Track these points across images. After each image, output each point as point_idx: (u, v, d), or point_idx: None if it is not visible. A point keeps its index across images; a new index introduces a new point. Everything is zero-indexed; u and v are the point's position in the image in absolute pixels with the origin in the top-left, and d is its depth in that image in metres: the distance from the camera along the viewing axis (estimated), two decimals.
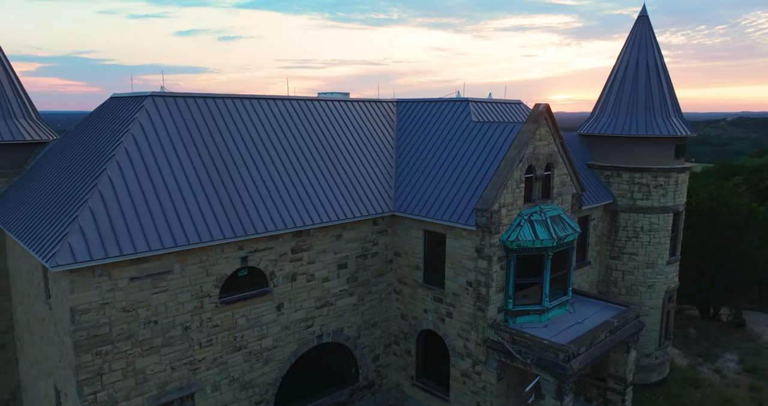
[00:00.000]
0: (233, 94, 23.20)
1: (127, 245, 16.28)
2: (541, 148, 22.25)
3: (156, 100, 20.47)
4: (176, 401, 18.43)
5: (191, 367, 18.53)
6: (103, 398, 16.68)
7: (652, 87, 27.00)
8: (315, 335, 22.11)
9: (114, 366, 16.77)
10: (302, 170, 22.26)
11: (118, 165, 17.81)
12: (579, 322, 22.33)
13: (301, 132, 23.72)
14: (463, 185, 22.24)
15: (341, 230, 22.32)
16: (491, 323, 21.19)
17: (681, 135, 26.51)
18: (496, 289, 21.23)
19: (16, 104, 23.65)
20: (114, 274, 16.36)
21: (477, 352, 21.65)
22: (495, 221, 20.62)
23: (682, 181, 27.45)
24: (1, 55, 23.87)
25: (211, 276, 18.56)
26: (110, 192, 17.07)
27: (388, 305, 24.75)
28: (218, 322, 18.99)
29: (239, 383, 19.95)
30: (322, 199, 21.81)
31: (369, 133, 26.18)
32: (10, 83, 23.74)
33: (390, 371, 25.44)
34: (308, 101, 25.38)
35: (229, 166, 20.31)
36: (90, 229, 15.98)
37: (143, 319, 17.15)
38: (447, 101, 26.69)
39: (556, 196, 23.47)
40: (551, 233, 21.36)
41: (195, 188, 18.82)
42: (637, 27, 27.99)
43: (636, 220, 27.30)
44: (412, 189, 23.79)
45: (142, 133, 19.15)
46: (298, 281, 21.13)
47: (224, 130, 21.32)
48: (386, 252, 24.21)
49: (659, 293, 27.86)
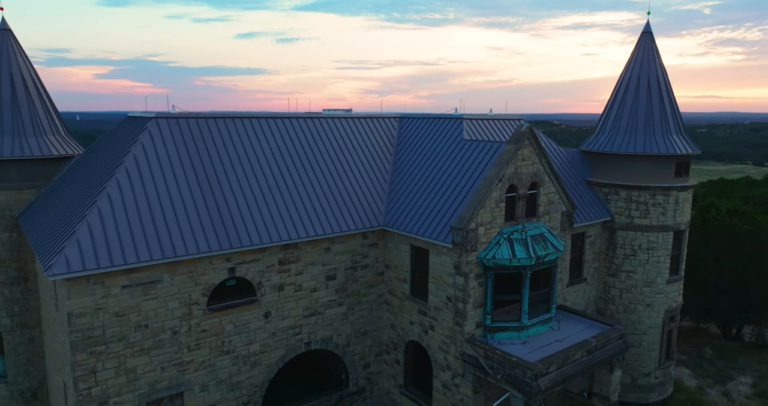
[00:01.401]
0: (236, 112, 24.86)
1: (118, 257, 18.09)
2: (525, 168, 22.67)
3: (159, 121, 22.35)
4: (166, 398, 20.17)
5: (180, 368, 20.21)
6: (97, 393, 18.57)
7: (653, 104, 26.73)
8: (303, 342, 23.40)
9: (107, 365, 18.63)
10: (294, 186, 23.60)
11: (117, 183, 19.71)
12: (559, 340, 22.60)
13: (297, 149, 25.08)
14: (446, 203, 22.97)
15: (330, 243, 23.50)
16: (468, 337, 21.84)
17: (680, 153, 26.15)
18: (474, 305, 21.86)
19: (47, 122, 26.17)
20: (107, 282, 18.21)
21: (456, 365, 22.35)
22: (471, 239, 21.27)
23: (684, 199, 27.01)
24: (35, 77, 26.49)
25: (200, 285, 20.18)
26: (108, 208, 18.96)
27: (380, 315, 25.75)
28: (206, 327, 20.59)
29: (227, 385, 21.51)
30: (310, 213, 23.07)
31: (367, 149, 27.26)
32: (41, 103, 26.29)
33: (381, 378, 26.44)
34: (309, 119, 26.73)
35: (222, 182, 21.91)
36: (86, 242, 17.88)
37: (134, 323, 18.94)
38: (443, 118, 27.41)
39: (543, 215, 23.80)
40: (530, 251, 21.79)
41: (187, 204, 20.50)
42: (641, 43, 27.75)
43: (634, 238, 27.11)
44: (401, 205, 24.70)
45: (143, 153, 21.01)
46: (286, 290, 22.48)
47: (221, 149, 22.96)
48: (377, 264, 25.21)
49: (658, 312, 27.51)
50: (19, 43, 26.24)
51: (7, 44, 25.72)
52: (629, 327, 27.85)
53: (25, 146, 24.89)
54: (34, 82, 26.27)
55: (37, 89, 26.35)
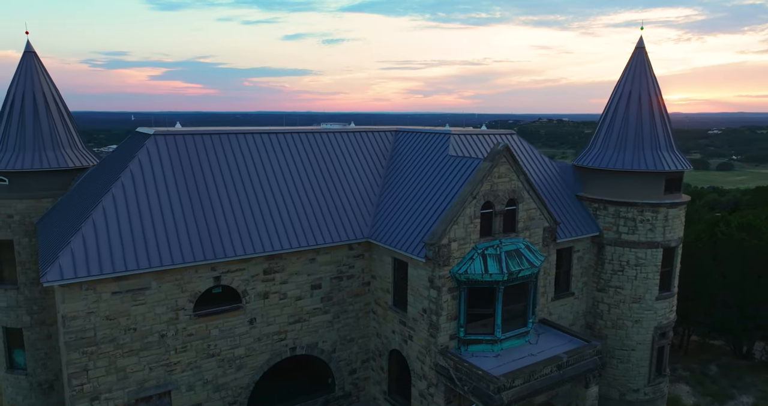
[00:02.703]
0: (232, 129, 26.39)
1: (108, 266, 19.81)
2: (502, 185, 23.22)
3: (157, 138, 24.09)
4: (154, 396, 21.82)
5: (167, 368, 21.82)
6: (89, 389, 20.37)
7: (643, 120, 26.68)
8: (288, 347, 24.67)
9: (98, 364, 20.40)
10: (282, 199, 24.89)
11: (113, 198, 21.49)
12: (533, 354, 23.04)
13: (289, 163, 26.38)
14: (424, 218, 23.75)
15: (315, 254, 24.68)
16: (441, 349, 22.59)
17: (669, 170, 26.01)
18: (447, 317, 22.58)
19: (65, 135, 28.42)
20: (99, 288, 19.96)
21: (430, 375, 23.13)
22: (443, 254, 22.01)
23: (674, 216, 26.80)
24: (56, 94, 28.80)
25: (186, 292, 21.73)
26: (102, 221, 20.74)
27: (366, 324, 26.75)
28: (192, 331, 22.13)
29: (213, 385, 23.00)
30: (295, 225, 24.31)
31: (359, 163, 28.29)
32: (61, 118, 28.56)
33: (368, 384, 27.44)
34: (303, 134, 27.97)
35: (212, 195, 23.43)
36: (79, 251, 19.67)
37: (124, 326, 20.64)
38: (433, 133, 28.16)
39: (522, 230, 24.27)
40: (502, 267, 22.34)
41: (176, 216, 22.09)
42: (634, 58, 27.69)
43: (622, 254, 27.11)
44: (386, 218, 25.63)
45: (140, 169, 22.77)
46: (271, 298, 23.80)
47: (213, 164, 24.51)
48: (363, 275, 26.22)
49: (647, 328, 27.39)
50: (42, 64, 28.59)
51: (31, 66, 28.08)
52: (617, 343, 27.87)
53: (44, 159, 27.14)
54: (54, 99, 28.56)
55: (57, 106, 28.64)
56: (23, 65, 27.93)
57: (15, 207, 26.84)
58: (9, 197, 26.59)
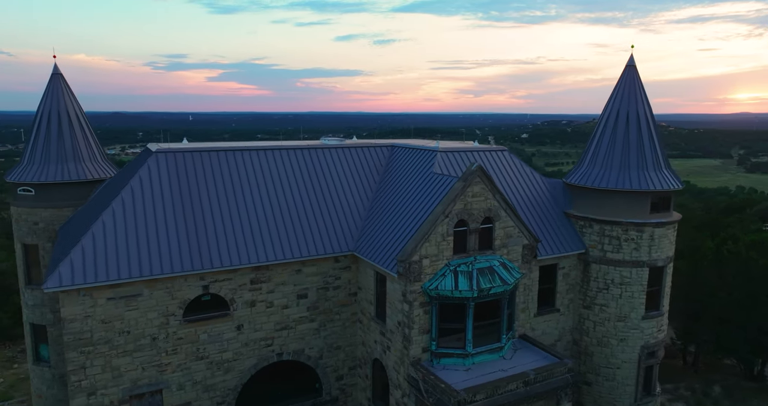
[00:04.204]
0: (231, 146, 28.18)
1: (103, 274, 21.89)
2: (476, 204, 23.93)
3: (158, 156, 26.15)
4: (147, 394, 23.81)
5: (159, 369, 23.76)
6: (87, 385, 22.53)
7: (630, 140, 26.67)
8: (275, 352, 26.22)
9: (95, 363, 22.53)
10: (272, 212, 26.45)
11: (112, 212, 23.63)
12: (504, 370, 23.64)
13: (281, 179, 27.92)
14: (403, 234, 24.74)
15: (300, 266, 26.11)
16: (413, 361, 23.55)
17: (654, 190, 25.91)
18: (419, 331, 23.51)
19: (85, 149, 31.05)
20: (95, 294, 22.08)
21: (404, 385, 24.12)
22: (414, 270, 22.96)
23: (661, 235, 26.63)
24: (79, 112, 31.49)
25: (176, 299, 23.61)
26: (101, 233, 22.88)
27: (353, 332, 27.97)
28: (182, 336, 23.99)
29: (202, 386, 24.81)
30: (282, 237, 25.80)
31: (351, 178, 29.52)
32: (82, 133, 31.20)
33: (356, 390, 28.66)
34: (299, 150, 29.48)
35: (205, 209, 25.25)
36: (78, 261, 21.85)
37: (118, 329, 22.70)
38: (422, 150, 29.05)
39: (499, 248, 24.89)
40: (472, 284, 23.07)
41: (169, 229, 24.01)
42: (624, 77, 27.68)
43: (606, 272, 27.18)
44: (370, 232, 26.76)
45: (139, 185, 24.85)
46: (258, 306, 25.40)
47: (209, 179, 26.35)
48: (350, 286, 27.45)
49: (633, 347, 27.34)
50: (68, 84, 31.34)
51: (58, 87, 30.85)
52: (603, 360, 27.94)
53: (65, 172, 29.80)
54: (77, 116, 31.24)
55: (80, 122, 31.30)
56: (51, 86, 30.71)
57: (40, 215, 29.60)
58: (34, 206, 29.35)
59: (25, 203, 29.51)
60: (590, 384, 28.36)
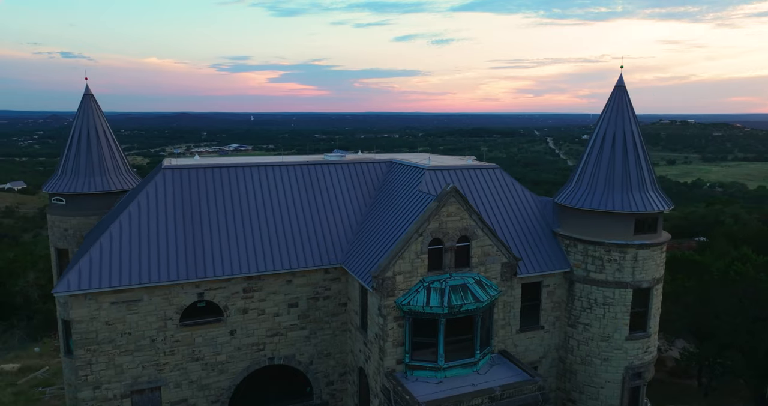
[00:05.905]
0: (236, 163, 30.28)
1: (106, 281, 24.40)
2: (452, 223, 24.86)
3: (165, 172, 28.60)
4: (147, 390, 26.22)
5: (157, 368, 26.10)
6: (92, 380, 25.15)
7: (616, 161, 26.73)
8: (267, 357, 28.07)
9: (99, 360, 25.10)
10: (266, 226, 28.31)
11: (119, 225, 26.18)
12: (474, 384, 24.45)
13: (279, 194, 29.77)
14: (382, 249, 25.97)
15: (291, 276, 27.83)
16: (387, 371, 24.77)
17: (637, 211, 25.89)
18: (393, 343, 24.71)
19: (111, 162, 34.08)
20: (99, 299, 24.64)
21: (380, 394, 25.37)
22: (387, 286, 24.18)
23: (645, 257, 26.52)
24: (107, 128, 34.60)
25: (173, 305, 25.88)
26: (107, 244, 25.45)
27: (344, 341, 29.45)
28: (179, 338, 26.24)
29: (197, 385, 26.99)
30: (273, 249, 27.60)
31: (347, 193, 30.99)
32: (108, 148, 34.25)
33: (345, 395, 30.13)
34: (299, 166, 31.25)
35: (203, 222, 27.42)
36: (85, 269, 24.46)
37: (120, 330, 25.18)
38: (414, 167, 30.13)
39: (477, 265, 25.71)
40: (443, 301, 24.03)
41: (170, 241, 26.31)
42: (613, 97, 27.70)
43: (590, 292, 27.34)
44: (358, 246, 28.14)
45: (146, 200, 27.33)
46: (250, 313, 27.32)
47: (210, 194, 28.53)
48: (340, 296, 28.94)
49: (616, 367, 27.35)
50: (98, 103, 34.49)
51: (89, 106, 34.02)
52: (587, 379, 28.10)
53: (92, 184, 32.89)
54: (105, 133, 34.33)
55: (107, 138, 34.37)
56: (83, 105, 33.91)
57: (69, 222, 32.82)
58: (65, 214, 32.59)
59: (57, 211, 32.81)
60: (575, 402, 28.57)
